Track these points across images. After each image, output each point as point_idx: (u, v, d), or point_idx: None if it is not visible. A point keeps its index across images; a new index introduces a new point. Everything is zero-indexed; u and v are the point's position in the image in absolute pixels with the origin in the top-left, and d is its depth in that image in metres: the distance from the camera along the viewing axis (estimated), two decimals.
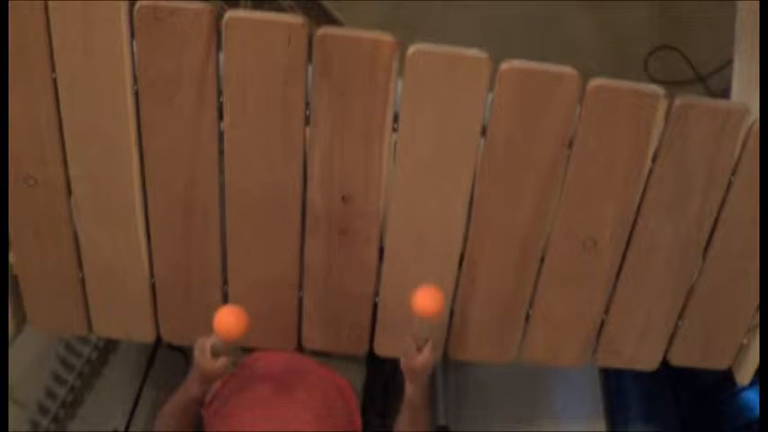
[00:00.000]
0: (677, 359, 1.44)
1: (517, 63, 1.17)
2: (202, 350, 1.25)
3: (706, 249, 1.32)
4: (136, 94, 1.21)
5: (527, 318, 1.39)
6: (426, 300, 1.20)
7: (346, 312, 1.39)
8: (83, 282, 1.38)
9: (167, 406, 1.37)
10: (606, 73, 1.18)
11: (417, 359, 1.26)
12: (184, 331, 1.43)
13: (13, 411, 1.59)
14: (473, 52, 1.16)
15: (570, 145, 1.22)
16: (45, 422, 1.67)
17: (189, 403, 1.33)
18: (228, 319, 1.19)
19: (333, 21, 2.20)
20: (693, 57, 2.24)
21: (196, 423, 1.39)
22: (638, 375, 1.60)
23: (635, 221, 1.29)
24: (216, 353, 1.24)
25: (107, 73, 1.19)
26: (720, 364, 1.46)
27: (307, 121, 1.22)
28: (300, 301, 1.39)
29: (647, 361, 1.45)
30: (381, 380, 2.06)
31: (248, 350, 1.51)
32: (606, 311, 1.39)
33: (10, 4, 1.15)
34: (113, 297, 1.40)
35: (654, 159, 1.23)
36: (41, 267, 1.37)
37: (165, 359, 1.88)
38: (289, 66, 1.17)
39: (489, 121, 1.20)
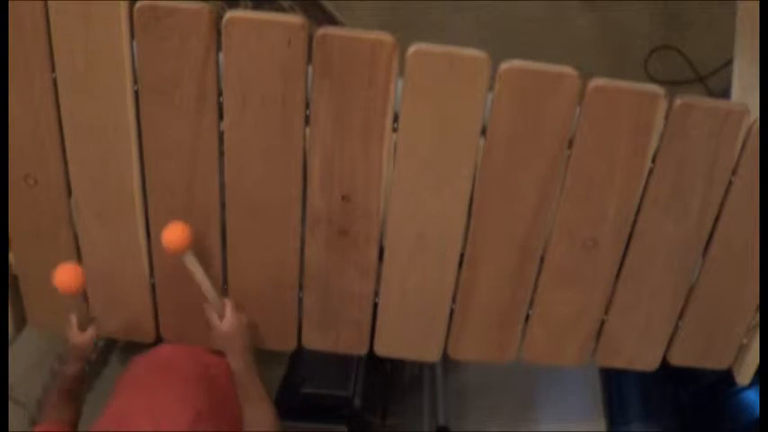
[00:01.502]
0: (677, 359, 1.44)
1: (517, 63, 1.17)
2: (69, 326, 1.27)
3: (706, 249, 1.32)
4: (136, 94, 1.21)
5: (527, 318, 1.39)
6: (170, 235, 1.19)
7: (346, 312, 1.39)
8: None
9: (49, 390, 1.36)
10: (606, 73, 1.18)
11: (223, 325, 1.25)
12: (184, 331, 1.43)
13: (13, 411, 1.59)
14: (473, 52, 1.16)
15: (570, 145, 1.22)
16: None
17: (66, 381, 1.32)
18: (65, 274, 1.19)
19: (333, 21, 2.20)
20: (693, 57, 2.24)
21: (78, 406, 1.36)
22: (638, 375, 1.60)
23: (635, 221, 1.29)
24: (81, 326, 1.26)
25: (107, 73, 1.19)
26: (720, 364, 1.46)
27: (307, 121, 1.22)
28: (300, 301, 1.39)
29: (647, 361, 1.45)
30: (381, 380, 2.06)
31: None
32: (606, 311, 1.39)
33: (10, 4, 1.15)
34: (113, 297, 1.40)
35: (654, 159, 1.23)
36: (41, 267, 1.37)
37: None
38: (289, 66, 1.17)
39: (489, 121, 1.20)
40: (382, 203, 1.28)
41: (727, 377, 1.48)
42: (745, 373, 1.44)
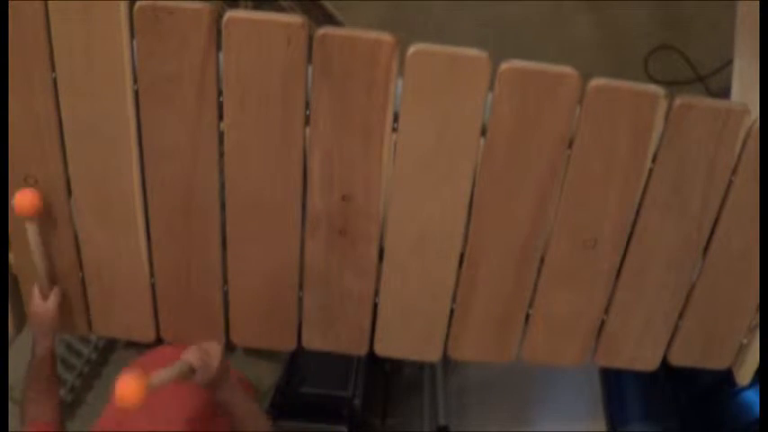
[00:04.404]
0: (677, 359, 1.44)
1: (517, 63, 1.17)
2: (31, 297, 1.27)
3: (706, 249, 1.32)
4: (136, 94, 1.21)
5: (527, 318, 1.39)
6: (122, 390, 1.05)
7: (346, 312, 1.39)
8: (83, 282, 1.38)
9: (27, 379, 1.33)
10: (606, 73, 1.18)
11: (41, 306, 1.25)
12: (184, 331, 1.42)
13: (13, 411, 1.59)
14: (473, 52, 1.16)
15: (570, 145, 1.22)
16: None
17: (39, 363, 1.31)
18: (24, 197, 1.22)
19: (333, 21, 2.20)
20: (693, 57, 2.24)
21: (56, 393, 1.34)
22: (638, 375, 1.60)
23: (635, 221, 1.29)
24: (44, 293, 1.26)
25: (107, 73, 1.19)
26: (720, 364, 1.46)
27: (307, 121, 1.22)
28: (300, 301, 1.39)
29: (647, 361, 1.45)
30: (381, 380, 2.06)
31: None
32: (606, 311, 1.39)
33: (10, 4, 1.15)
34: (113, 297, 1.40)
35: (654, 159, 1.23)
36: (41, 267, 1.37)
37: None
38: (289, 66, 1.17)
39: (489, 121, 1.20)
40: (382, 203, 1.28)
41: (727, 377, 1.48)
42: (745, 373, 1.44)
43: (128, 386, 1.04)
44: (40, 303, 1.26)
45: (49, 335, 1.31)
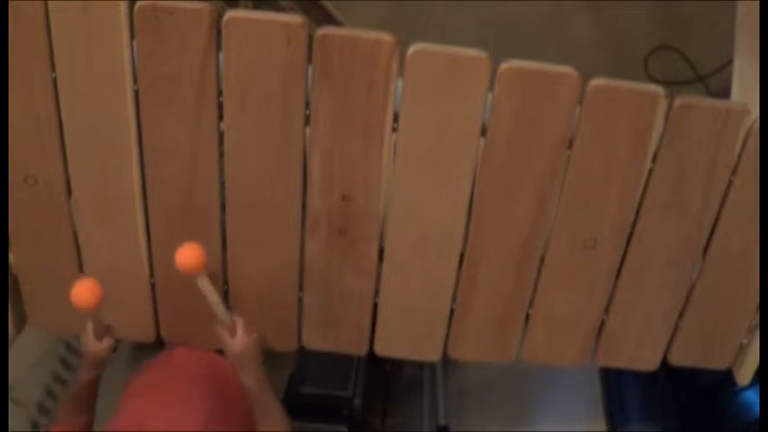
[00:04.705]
0: (677, 359, 1.44)
1: (517, 63, 1.17)
2: (85, 334, 1.26)
3: (706, 249, 1.32)
4: (136, 94, 1.21)
5: (527, 318, 1.39)
6: (184, 257, 1.15)
7: (346, 312, 1.39)
8: None
9: (65, 395, 1.35)
10: (606, 73, 1.18)
11: (235, 344, 1.24)
12: (184, 331, 1.43)
13: (13, 411, 1.59)
14: (473, 52, 1.16)
15: (570, 145, 1.22)
16: (45, 422, 1.67)
17: (80, 389, 1.31)
18: (82, 290, 1.17)
19: (333, 21, 2.20)
20: (693, 57, 2.24)
21: (91, 415, 1.35)
22: (638, 375, 1.60)
23: (635, 221, 1.29)
24: (98, 335, 1.25)
25: (107, 73, 1.19)
26: (720, 364, 1.46)
27: (307, 121, 1.22)
28: (300, 301, 1.39)
29: (647, 361, 1.45)
30: (381, 380, 2.06)
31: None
32: (606, 311, 1.39)
33: (10, 4, 1.15)
34: (113, 297, 1.39)
35: (654, 159, 1.23)
36: (41, 267, 1.37)
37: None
38: (289, 66, 1.17)
39: (489, 121, 1.20)
40: (382, 203, 1.28)
41: (727, 377, 1.48)
42: (745, 373, 1.44)
43: (186, 254, 1.15)
44: (95, 342, 1.26)
45: (97, 369, 1.31)
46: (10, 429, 1.42)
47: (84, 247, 1.35)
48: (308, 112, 1.21)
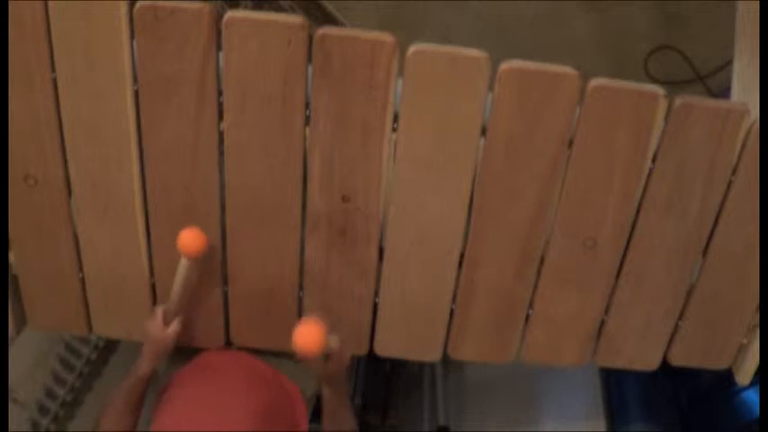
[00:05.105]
0: (677, 359, 1.44)
1: (517, 63, 1.17)
2: (153, 319, 1.25)
3: (706, 249, 1.32)
4: (136, 94, 1.21)
5: (527, 318, 1.39)
6: (304, 339, 1.12)
7: (346, 312, 1.39)
8: (83, 282, 1.38)
9: (116, 389, 1.35)
10: (606, 73, 1.18)
11: (329, 368, 1.25)
12: (184, 331, 1.42)
13: (13, 411, 1.59)
14: (473, 52, 1.16)
15: (570, 145, 1.22)
16: (45, 422, 1.67)
17: (136, 383, 1.31)
18: (190, 237, 1.20)
19: (333, 21, 2.20)
20: (693, 57, 2.24)
21: (140, 409, 1.36)
22: (638, 375, 1.60)
23: (635, 221, 1.29)
24: (167, 318, 1.24)
25: (107, 73, 1.19)
26: (720, 364, 1.46)
27: (307, 120, 1.22)
28: (300, 301, 1.39)
29: (647, 361, 1.45)
30: (381, 380, 2.06)
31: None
32: (606, 311, 1.39)
33: (10, 4, 1.15)
34: (113, 297, 1.40)
35: (654, 159, 1.23)
36: (41, 267, 1.37)
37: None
38: (289, 66, 1.17)
39: (489, 121, 1.20)
40: (382, 203, 1.28)
41: (727, 377, 1.48)
42: (745, 373, 1.44)
43: (309, 333, 1.11)
44: (161, 327, 1.25)
45: (158, 359, 1.31)
46: (10, 429, 1.42)
47: (84, 247, 1.35)
48: (308, 112, 1.21)
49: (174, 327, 1.26)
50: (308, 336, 1.11)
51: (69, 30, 1.17)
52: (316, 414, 1.50)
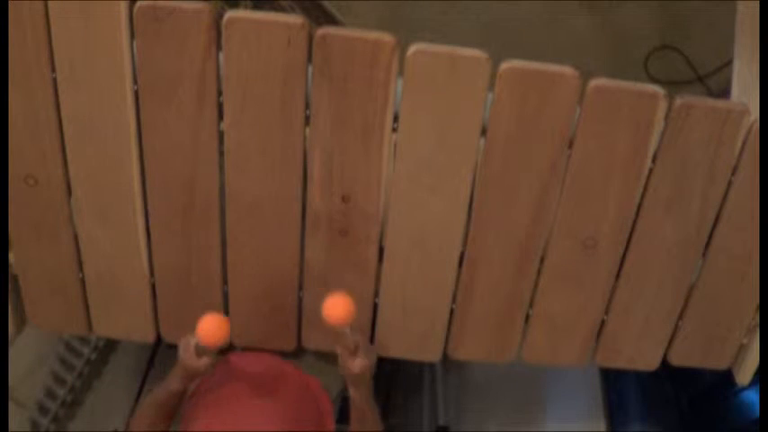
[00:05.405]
0: (677, 359, 1.44)
1: (517, 63, 1.17)
2: (186, 348, 1.25)
3: (706, 249, 1.32)
4: (136, 94, 1.21)
5: (527, 318, 1.39)
6: (333, 309, 1.15)
7: None
8: (83, 282, 1.38)
9: (148, 398, 1.35)
10: (606, 73, 1.18)
11: (354, 365, 1.25)
12: (184, 331, 1.42)
13: (13, 411, 1.59)
14: (473, 52, 1.16)
15: (570, 145, 1.22)
16: (45, 422, 1.67)
17: (168, 398, 1.31)
18: (210, 328, 1.18)
19: (333, 21, 2.20)
20: (693, 57, 2.24)
21: (172, 420, 1.36)
22: (638, 375, 1.59)
23: (635, 221, 1.29)
24: (199, 353, 1.24)
25: (107, 73, 1.19)
26: (720, 364, 1.46)
27: (307, 121, 1.22)
28: (300, 301, 1.39)
29: (647, 361, 1.45)
30: (381, 380, 2.06)
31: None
32: (606, 311, 1.39)
33: (10, 4, 1.15)
34: (113, 297, 1.40)
35: (654, 159, 1.23)
36: (41, 267, 1.37)
37: (165, 359, 1.87)
38: (289, 66, 1.17)
39: (489, 121, 1.20)
40: (382, 203, 1.28)
41: (727, 377, 1.48)
42: (745, 373, 1.44)
43: (338, 303, 1.15)
44: (194, 358, 1.24)
45: (191, 382, 1.31)
46: (10, 429, 1.42)
47: (84, 247, 1.35)
48: (308, 112, 1.21)
49: (206, 360, 1.25)
50: (337, 306, 1.15)
51: (69, 30, 1.17)
52: (341, 414, 1.51)
